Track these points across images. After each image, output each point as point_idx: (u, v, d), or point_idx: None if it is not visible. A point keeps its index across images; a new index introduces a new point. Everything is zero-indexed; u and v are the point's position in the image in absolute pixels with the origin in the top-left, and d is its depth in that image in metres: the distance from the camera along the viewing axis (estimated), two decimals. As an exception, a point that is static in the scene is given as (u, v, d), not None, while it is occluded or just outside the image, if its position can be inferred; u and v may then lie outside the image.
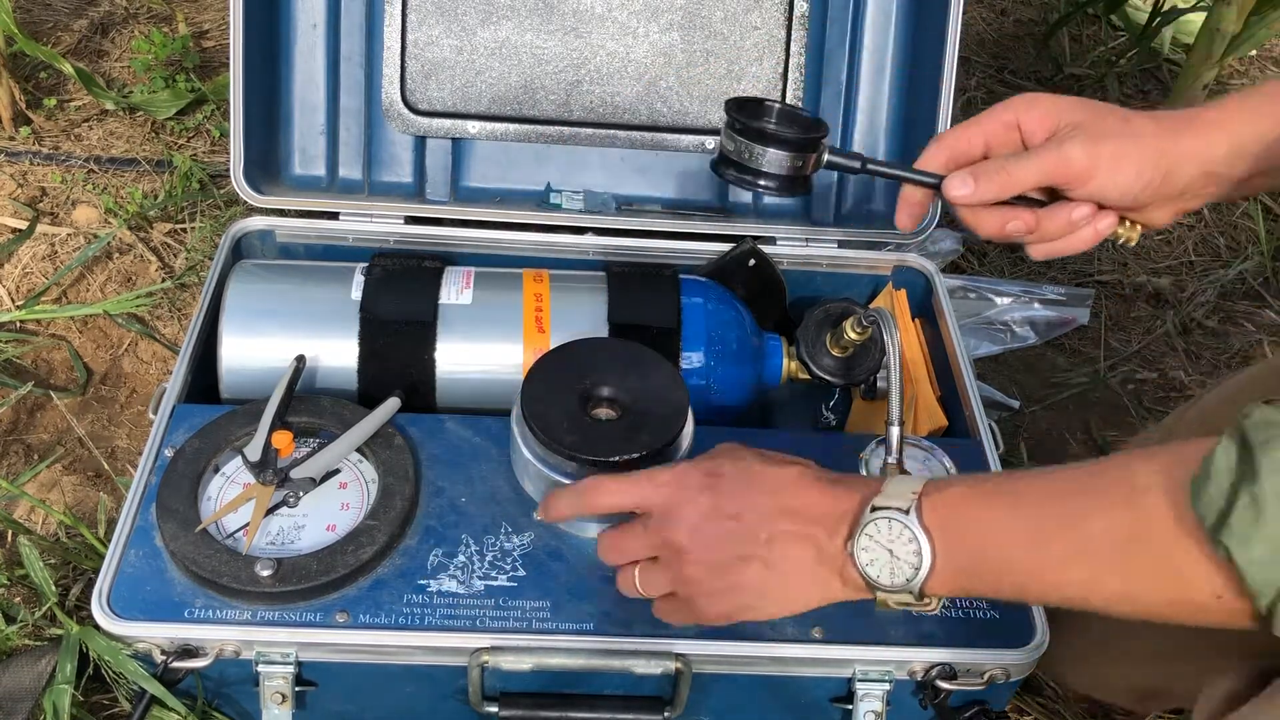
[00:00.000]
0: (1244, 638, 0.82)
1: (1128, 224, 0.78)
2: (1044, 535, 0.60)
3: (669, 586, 0.71)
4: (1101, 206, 0.77)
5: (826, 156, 0.79)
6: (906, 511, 0.63)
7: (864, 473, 0.88)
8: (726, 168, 0.79)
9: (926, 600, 0.65)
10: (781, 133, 0.77)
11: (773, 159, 0.77)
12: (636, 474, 0.72)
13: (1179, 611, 0.58)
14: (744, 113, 0.78)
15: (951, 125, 1.06)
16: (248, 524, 0.80)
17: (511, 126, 1.09)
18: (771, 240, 1.09)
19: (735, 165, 0.78)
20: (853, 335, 0.93)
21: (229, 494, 0.82)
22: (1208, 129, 0.74)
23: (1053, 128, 0.76)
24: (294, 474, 0.82)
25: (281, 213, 1.07)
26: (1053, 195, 0.77)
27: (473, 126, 1.09)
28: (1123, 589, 0.58)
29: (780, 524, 0.66)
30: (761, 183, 0.77)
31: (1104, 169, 0.74)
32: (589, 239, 1.08)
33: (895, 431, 0.80)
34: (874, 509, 0.64)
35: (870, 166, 0.80)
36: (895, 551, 0.63)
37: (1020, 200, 0.76)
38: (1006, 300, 1.28)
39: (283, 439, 0.83)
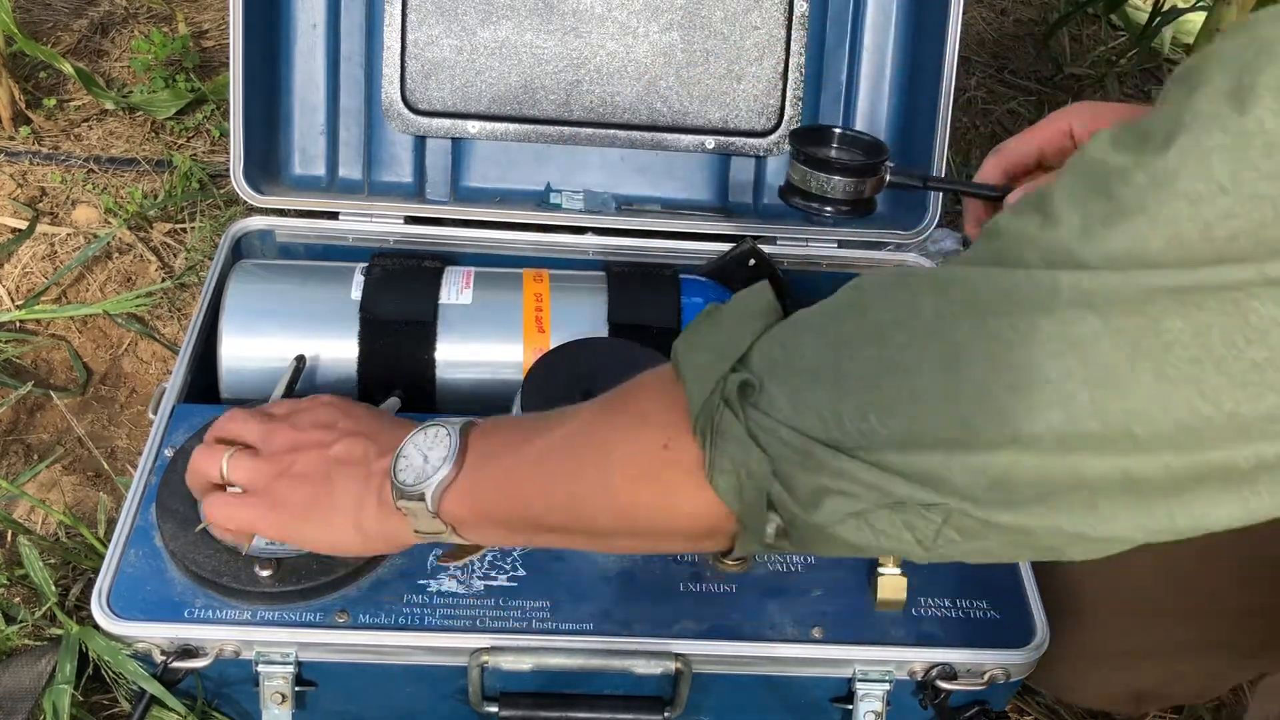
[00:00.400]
0: (1241, 632, 0.82)
1: None
2: (551, 421, 0.60)
3: (246, 477, 0.67)
4: None
5: (888, 177, 0.82)
6: (456, 426, 0.62)
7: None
8: (793, 195, 0.82)
9: (442, 529, 0.62)
10: (842, 159, 0.81)
11: (836, 185, 0.80)
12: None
13: (636, 489, 0.54)
14: (806, 142, 0.83)
15: (951, 125, 1.07)
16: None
17: (511, 126, 1.09)
18: (771, 240, 1.09)
19: (801, 193, 0.81)
20: (853, 335, 0.93)
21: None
22: None
23: None
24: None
25: (281, 213, 1.07)
26: None
27: (473, 126, 1.09)
28: (607, 464, 0.56)
29: (358, 437, 0.65)
30: (828, 210, 0.81)
31: None
32: (589, 239, 1.08)
33: (895, 431, 0.79)
34: (430, 424, 0.63)
35: (931, 183, 0.84)
36: (429, 457, 0.61)
37: None
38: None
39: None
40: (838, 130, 0.87)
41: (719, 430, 0.49)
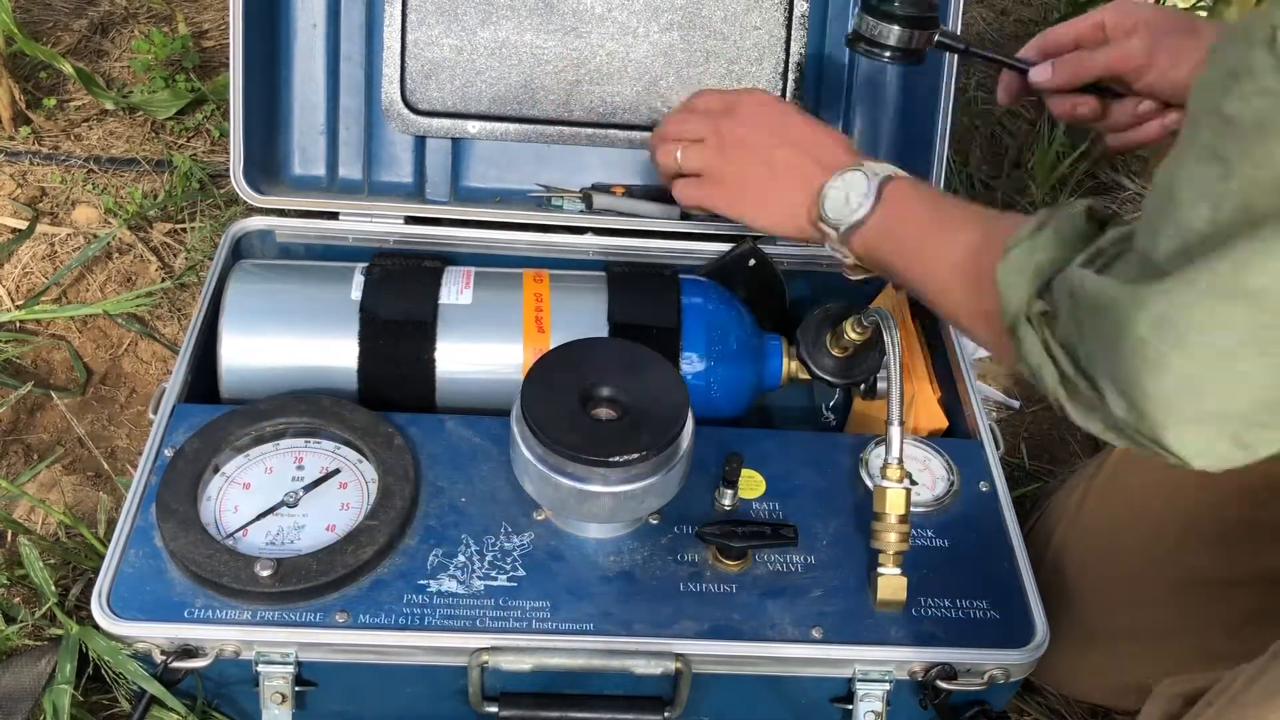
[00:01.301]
0: (1225, 605, 0.82)
1: None
2: (940, 229, 0.75)
3: (699, 166, 0.90)
4: (1168, 104, 0.86)
5: (937, 36, 0.92)
6: (878, 178, 0.80)
7: (864, 474, 0.89)
8: (857, 42, 0.93)
9: (843, 252, 0.82)
10: (899, 11, 0.92)
11: (893, 33, 0.91)
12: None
13: (951, 298, 0.73)
14: None
15: (951, 124, 1.07)
16: (247, 525, 0.80)
17: (511, 126, 1.09)
18: (772, 240, 1.09)
19: (865, 40, 0.93)
20: (853, 335, 0.93)
21: (229, 494, 0.82)
22: None
23: (1131, 28, 0.85)
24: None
25: (281, 213, 1.07)
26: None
27: (472, 126, 1.09)
28: (945, 289, 0.74)
29: (801, 150, 0.86)
30: (887, 55, 0.92)
31: (1161, 63, 0.83)
32: (589, 239, 1.08)
33: (895, 431, 0.80)
34: (858, 166, 0.81)
35: (973, 50, 0.94)
36: (850, 197, 0.80)
37: (1095, 91, 0.88)
38: (1006, 300, 1.27)
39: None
40: None
41: (1020, 339, 0.63)
